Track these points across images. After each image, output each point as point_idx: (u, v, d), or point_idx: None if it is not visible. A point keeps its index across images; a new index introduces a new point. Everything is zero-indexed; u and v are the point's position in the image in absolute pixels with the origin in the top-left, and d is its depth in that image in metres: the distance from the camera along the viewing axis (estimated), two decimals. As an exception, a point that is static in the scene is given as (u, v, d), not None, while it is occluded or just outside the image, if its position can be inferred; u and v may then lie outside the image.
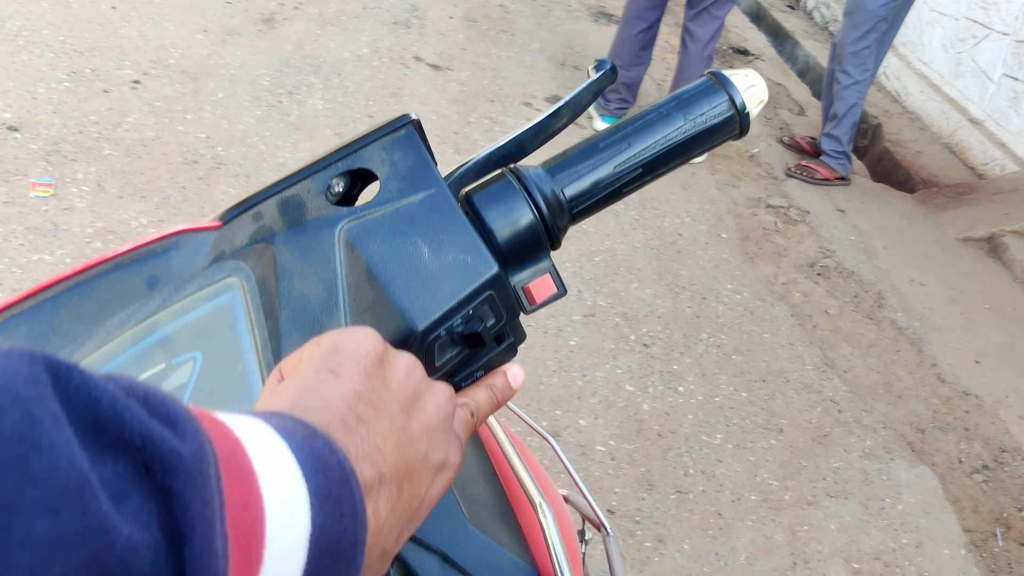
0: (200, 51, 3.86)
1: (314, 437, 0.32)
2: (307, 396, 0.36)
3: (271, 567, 0.28)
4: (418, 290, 0.51)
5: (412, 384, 0.41)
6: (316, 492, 0.30)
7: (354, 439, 0.35)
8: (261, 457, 0.29)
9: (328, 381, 0.37)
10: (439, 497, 0.42)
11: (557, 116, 0.65)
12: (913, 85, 5.75)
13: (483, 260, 0.53)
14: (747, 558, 2.29)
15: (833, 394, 2.97)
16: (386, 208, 0.53)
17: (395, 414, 0.38)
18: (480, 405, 0.50)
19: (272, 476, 0.29)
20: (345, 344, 0.39)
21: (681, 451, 2.56)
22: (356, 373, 0.38)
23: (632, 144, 0.61)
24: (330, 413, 0.35)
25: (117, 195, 2.88)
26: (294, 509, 0.29)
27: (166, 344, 0.50)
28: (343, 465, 0.32)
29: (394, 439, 0.37)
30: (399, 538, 0.38)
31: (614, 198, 0.62)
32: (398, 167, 0.55)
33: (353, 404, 0.36)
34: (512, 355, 0.58)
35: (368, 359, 0.39)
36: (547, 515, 0.74)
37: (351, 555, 0.31)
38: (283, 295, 0.51)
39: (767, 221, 3.95)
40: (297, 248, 0.52)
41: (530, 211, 0.57)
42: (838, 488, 2.59)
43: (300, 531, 0.29)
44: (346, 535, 0.31)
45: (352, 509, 0.31)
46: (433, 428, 0.40)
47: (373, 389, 0.38)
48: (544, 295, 0.59)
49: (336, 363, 0.38)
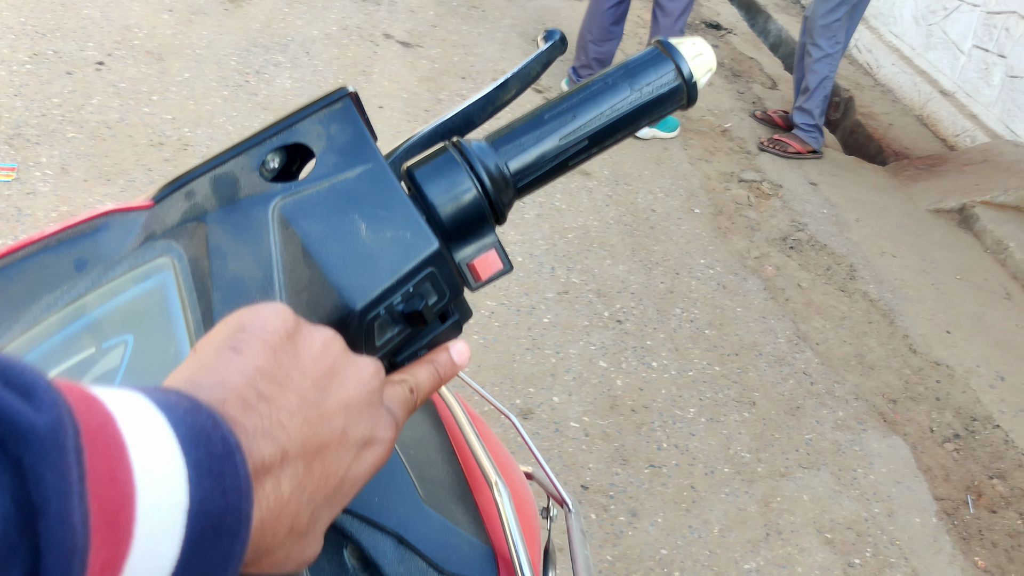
0: (165, 31, 3.80)
1: (197, 411, 0.31)
2: (204, 373, 0.35)
3: (143, 542, 0.27)
4: (355, 268, 0.50)
5: (328, 360, 0.40)
6: (195, 466, 0.29)
7: (252, 416, 0.34)
8: (134, 430, 0.28)
9: (228, 358, 0.36)
10: (367, 474, 0.41)
11: (505, 88, 0.64)
12: (884, 57, 5.76)
13: (423, 236, 0.52)
14: (720, 530, 2.31)
15: (805, 366, 2.98)
16: (322, 184, 0.52)
17: (305, 390, 0.38)
18: (420, 382, 0.49)
19: (145, 449, 0.28)
20: (251, 321, 0.39)
21: (655, 426, 2.56)
22: (260, 349, 0.37)
23: (577, 116, 0.59)
24: (227, 390, 0.34)
25: (82, 178, 2.84)
26: (170, 483, 0.28)
27: (95, 328, 0.49)
28: (227, 439, 0.31)
29: (302, 415, 0.36)
30: (315, 516, 0.38)
31: (560, 171, 0.61)
32: (335, 141, 0.53)
33: (254, 381, 0.35)
34: (457, 333, 0.57)
35: (275, 335, 0.38)
36: (502, 493, 0.73)
37: (235, 530, 0.31)
38: (216, 275, 0.50)
39: (740, 195, 3.95)
40: (230, 226, 0.51)
41: (473, 186, 0.56)
42: (810, 459, 2.61)
43: (176, 505, 0.28)
44: (229, 510, 0.30)
45: (236, 484, 0.30)
46: (353, 404, 0.40)
47: (280, 365, 0.37)
48: (489, 271, 0.57)
49: (239, 340, 0.37)
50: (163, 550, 0.28)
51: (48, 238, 0.51)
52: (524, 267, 3.07)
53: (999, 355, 3.30)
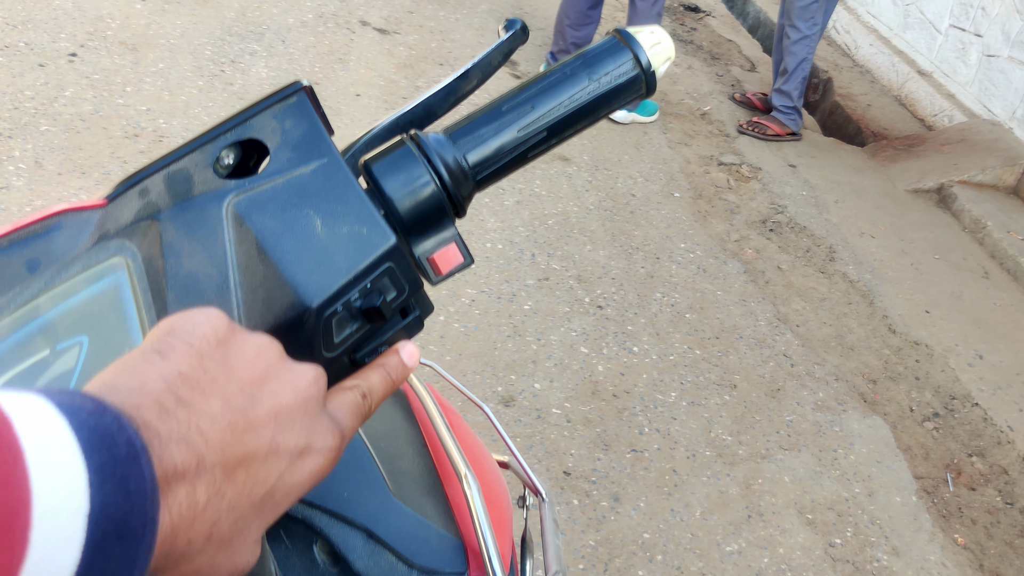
0: (139, 21, 3.76)
1: (102, 413, 0.31)
2: (124, 377, 0.35)
3: (41, 546, 0.27)
4: (311, 264, 0.49)
5: (261, 366, 0.40)
6: (97, 469, 0.29)
7: (168, 421, 0.34)
8: (31, 433, 0.28)
9: (152, 362, 0.36)
10: (306, 483, 0.40)
11: (466, 78, 0.63)
12: (863, 38, 5.77)
13: (379, 231, 0.51)
14: (702, 513, 2.32)
15: (786, 348, 2.99)
16: (276, 180, 0.51)
17: (231, 396, 0.37)
18: (373, 386, 0.48)
19: (43, 453, 0.28)
20: (181, 325, 0.38)
21: (636, 410, 2.57)
22: (185, 354, 0.37)
23: (536, 106, 0.59)
24: (144, 394, 0.34)
25: (56, 172, 2.81)
26: (69, 486, 0.28)
27: (49, 329, 0.48)
28: (132, 442, 0.31)
29: (225, 421, 0.36)
30: (240, 525, 0.37)
31: (520, 163, 0.60)
32: (289, 136, 0.52)
33: (175, 386, 0.35)
34: (419, 328, 0.57)
35: (203, 340, 0.38)
36: (471, 485, 0.73)
37: (139, 535, 0.30)
38: (170, 274, 0.49)
39: (719, 179, 3.96)
40: (184, 224, 0.50)
41: (431, 179, 0.55)
42: (791, 441, 2.63)
43: (76, 509, 0.28)
44: (134, 514, 0.30)
45: (140, 487, 0.30)
46: (286, 412, 0.39)
47: (205, 371, 0.37)
48: (450, 265, 0.57)
49: (166, 344, 0.37)
50: (63, 555, 0.28)
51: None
52: (504, 254, 3.07)
53: (977, 334, 3.32)
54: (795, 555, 2.28)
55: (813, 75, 5.35)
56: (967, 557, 2.42)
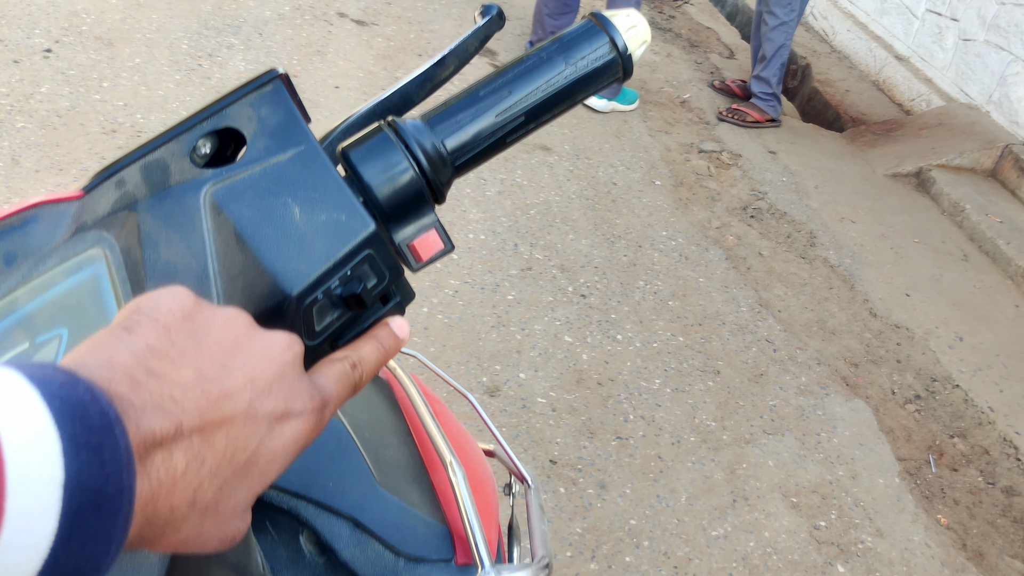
0: (114, 16, 3.73)
1: (74, 385, 0.31)
2: (92, 353, 0.35)
3: (17, 515, 0.27)
4: (290, 252, 0.49)
5: (230, 336, 0.40)
6: (71, 439, 0.29)
7: (141, 392, 0.34)
8: (2, 405, 0.28)
9: (119, 338, 0.36)
10: (290, 448, 0.41)
11: (443, 65, 0.63)
12: (840, 24, 5.79)
13: (358, 218, 0.51)
14: (688, 498, 2.33)
15: (768, 334, 3.01)
16: (254, 168, 0.51)
17: (203, 366, 0.38)
18: (364, 356, 0.49)
19: (15, 424, 0.28)
20: (146, 303, 0.39)
21: (621, 398, 2.58)
22: (151, 329, 0.37)
23: (513, 91, 0.59)
24: (114, 368, 0.34)
25: (33, 169, 2.79)
26: (42, 456, 0.28)
27: (28, 322, 0.48)
28: (106, 412, 0.31)
29: (199, 389, 0.36)
30: (225, 492, 0.37)
31: (498, 148, 0.60)
32: (266, 124, 0.52)
33: (144, 358, 0.36)
34: (400, 314, 0.57)
35: (169, 315, 0.38)
36: (457, 472, 0.74)
37: (116, 504, 0.31)
38: (149, 264, 0.49)
39: (700, 166, 3.97)
40: (162, 214, 0.50)
41: (409, 165, 0.55)
42: (775, 425, 2.64)
43: (51, 479, 0.28)
44: (110, 483, 0.30)
45: (116, 456, 0.30)
46: (261, 377, 0.39)
47: (173, 344, 0.37)
48: (431, 251, 0.57)
49: (132, 321, 0.38)
50: (40, 524, 0.28)
51: None
52: (487, 244, 3.07)
53: (957, 316, 3.35)
54: (780, 538, 2.30)
55: (791, 61, 5.37)
56: (950, 537, 2.45)
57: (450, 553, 0.71)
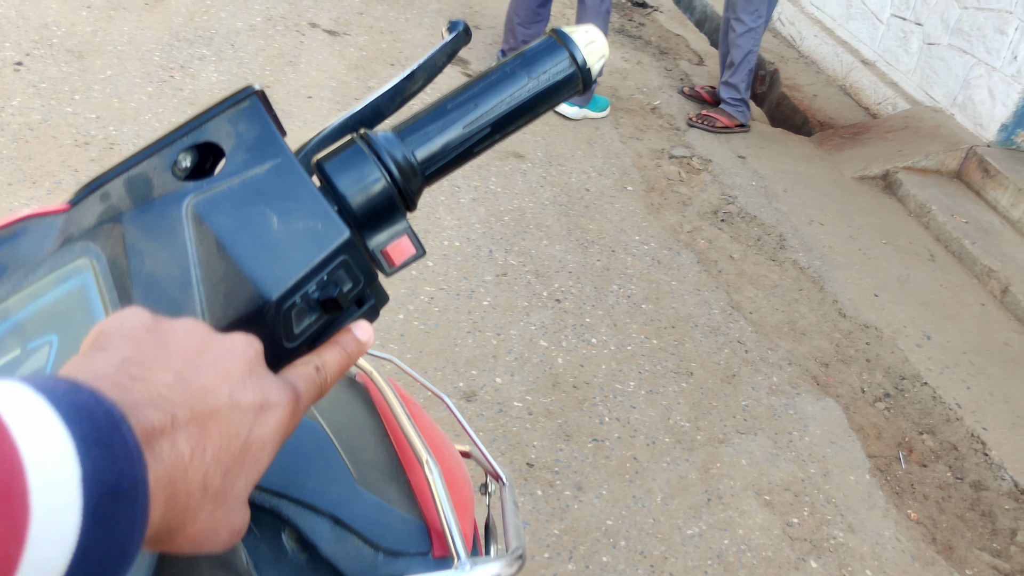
0: (85, 28, 3.73)
1: (77, 391, 0.33)
2: (75, 371, 0.37)
3: (43, 513, 0.29)
4: (269, 259, 0.52)
5: (194, 341, 0.43)
6: (82, 439, 0.31)
7: (131, 394, 0.36)
8: (13, 412, 0.30)
9: (94, 357, 0.39)
10: (275, 436, 0.43)
11: (412, 79, 0.66)
12: (807, 29, 5.87)
13: (333, 226, 0.54)
14: (663, 498, 2.37)
15: (740, 335, 3.06)
16: (232, 180, 0.53)
17: (178, 368, 0.40)
18: (327, 360, 0.51)
19: (28, 428, 0.30)
20: (110, 325, 0.41)
21: (596, 400, 2.61)
22: (122, 343, 0.40)
23: (479, 104, 0.62)
24: (99, 379, 0.36)
25: (6, 182, 2.79)
26: (58, 457, 0.30)
27: (19, 330, 0.50)
28: (111, 412, 0.33)
29: (181, 387, 0.39)
30: (229, 478, 0.40)
31: (466, 158, 0.63)
32: (243, 138, 0.55)
33: (123, 368, 0.38)
34: (374, 316, 0.59)
35: (134, 331, 0.41)
36: (433, 469, 0.76)
37: (133, 495, 0.33)
38: (134, 273, 0.51)
39: (671, 171, 4.02)
40: (145, 225, 0.52)
41: (382, 175, 0.58)
42: (747, 425, 2.68)
43: (69, 477, 0.30)
44: (124, 476, 0.32)
45: (125, 451, 0.33)
46: (234, 373, 0.42)
47: (145, 353, 0.40)
48: (403, 257, 0.60)
49: (101, 341, 0.40)
50: (64, 519, 0.30)
51: None
52: (462, 251, 3.09)
53: (925, 315, 3.42)
54: (754, 535, 2.34)
55: (759, 67, 5.44)
56: (920, 531, 2.50)
57: (427, 547, 0.74)
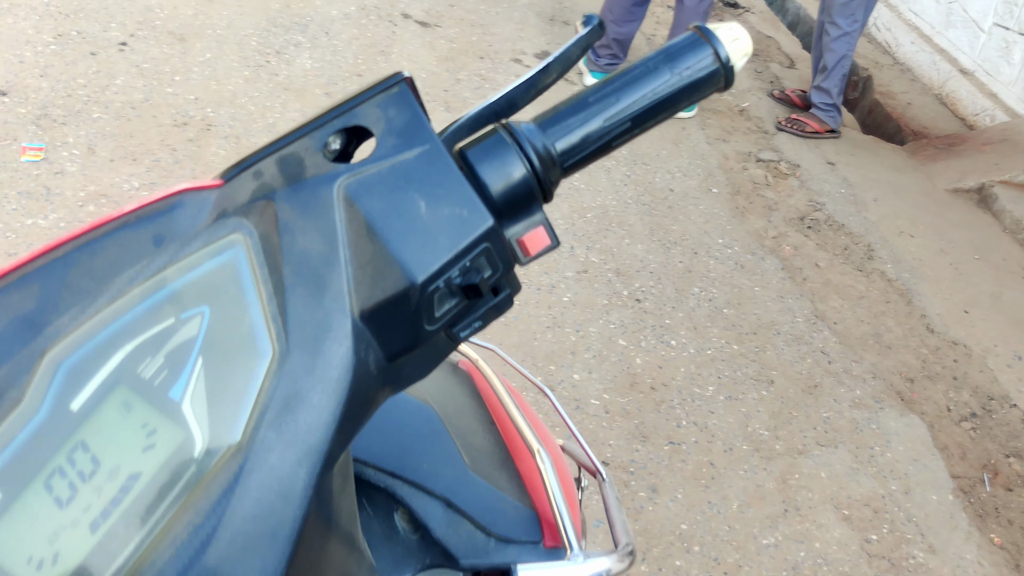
0: (186, 11, 3.82)
1: None
2: None
3: None
4: (416, 243, 0.53)
5: None
6: None
7: None
8: None
9: None
10: None
11: (546, 72, 0.66)
12: (904, 36, 5.73)
13: (479, 213, 0.54)
14: (739, 506, 2.34)
15: (823, 345, 3.00)
16: (382, 164, 0.55)
17: None
18: None
19: None
20: None
21: (674, 403, 2.59)
22: None
23: (620, 98, 0.62)
24: None
25: (108, 158, 2.88)
26: None
27: (174, 299, 0.51)
28: None
29: None
30: None
31: (604, 151, 0.63)
32: (393, 124, 0.56)
33: None
34: (509, 306, 0.60)
35: None
36: (545, 460, 0.77)
37: None
38: (286, 250, 0.52)
39: (757, 175, 3.96)
40: (297, 204, 0.54)
41: (523, 165, 0.58)
42: (828, 437, 2.64)
43: None
44: None
45: None
46: None
47: None
48: (538, 247, 0.60)
49: None
50: None
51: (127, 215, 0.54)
52: (544, 246, 3.09)
53: (1017, 335, 3.31)
54: (831, 550, 2.29)
55: (853, 72, 5.32)
56: (1003, 557, 2.43)
57: (538, 536, 0.75)
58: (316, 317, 0.52)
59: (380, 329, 0.54)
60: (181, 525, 0.46)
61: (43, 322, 0.49)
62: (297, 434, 0.49)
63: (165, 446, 0.46)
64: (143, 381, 0.48)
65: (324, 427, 0.50)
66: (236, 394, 0.49)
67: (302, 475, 0.49)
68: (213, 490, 0.47)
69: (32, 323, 0.49)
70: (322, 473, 0.50)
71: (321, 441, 0.50)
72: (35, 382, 0.46)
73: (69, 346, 0.48)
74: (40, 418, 0.45)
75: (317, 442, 0.50)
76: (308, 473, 0.49)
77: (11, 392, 0.47)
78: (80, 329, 0.49)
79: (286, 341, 0.51)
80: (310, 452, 0.50)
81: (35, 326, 0.49)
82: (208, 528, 0.47)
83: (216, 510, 0.47)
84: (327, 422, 0.50)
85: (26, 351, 0.48)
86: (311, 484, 0.50)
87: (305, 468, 0.49)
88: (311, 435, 0.50)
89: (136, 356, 0.49)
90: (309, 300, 0.52)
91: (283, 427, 0.49)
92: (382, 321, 0.53)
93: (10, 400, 0.46)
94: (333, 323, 0.52)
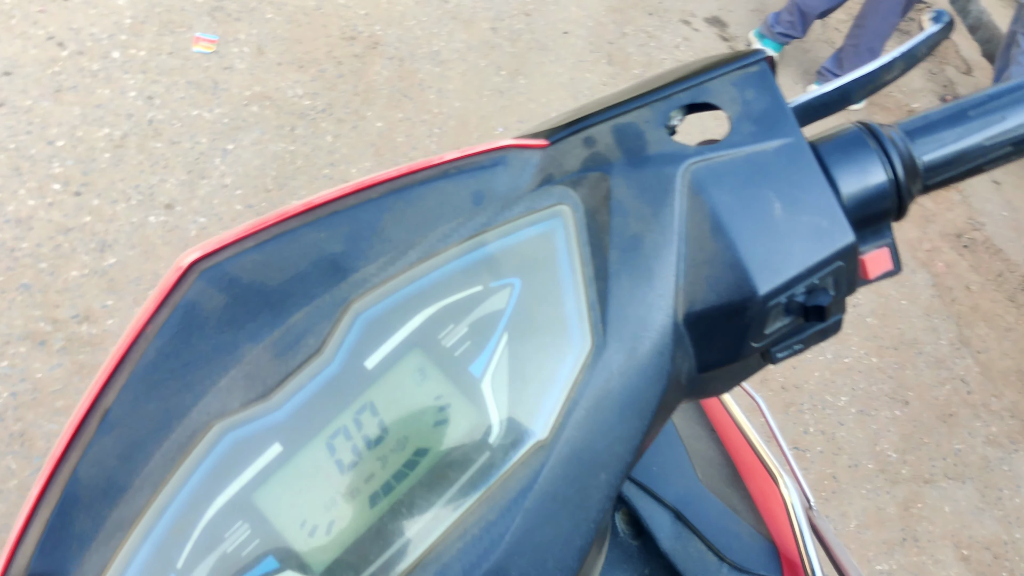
0: (365, -77, 3.80)
1: None
2: None
3: None
4: (765, 250, 0.46)
5: None
6: None
7: None
8: None
9: None
10: None
11: (890, 68, 0.59)
12: (1093, 58, 5.36)
13: (840, 226, 0.47)
14: (857, 526, 2.26)
15: (964, 373, 2.86)
16: (736, 152, 0.48)
17: None
18: None
19: None
20: None
21: (803, 407, 2.50)
22: None
23: (1008, 117, 0.54)
24: None
25: (276, 61, 2.89)
26: None
27: (487, 265, 0.47)
28: None
29: None
30: None
31: (973, 173, 0.55)
32: (750, 108, 0.49)
33: None
34: (836, 331, 0.53)
35: None
36: (789, 487, 0.71)
37: None
38: (615, 232, 0.47)
39: (918, 182, 3.78)
40: (636, 183, 0.48)
41: (885, 173, 0.51)
42: (957, 471, 2.52)
43: None
44: None
45: None
46: None
47: None
48: (879, 270, 0.53)
49: None
50: None
51: (447, 165, 0.49)
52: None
53: None
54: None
55: (1032, 89, 5.01)
56: None
57: (778, 573, 0.69)
58: (638, 312, 0.46)
59: (701, 337, 0.48)
60: (473, 520, 0.43)
61: (350, 268, 0.45)
62: (604, 439, 0.45)
63: (458, 425, 0.43)
64: (442, 349, 0.44)
65: (631, 436, 0.46)
66: (543, 382, 0.45)
67: (602, 485, 0.45)
68: (512, 487, 0.44)
69: (338, 267, 0.45)
70: (620, 485, 0.46)
71: (627, 451, 0.46)
72: (337, 332, 0.42)
73: (374, 298, 0.44)
74: (331, 371, 0.42)
75: (623, 452, 0.45)
76: (608, 484, 0.45)
77: (309, 339, 0.43)
78: (388, 282, 0.45)
79: (603, 333, 0.46)
80: (614, 461, 0.45)
81: (341, 271, 0.45)
82: (501, 528, 0.43)
83: (512, 509, 0.43)
84: (637, 430, 0.46)
85: (328, 296, 0.45)
86: (610, 496, 0.46)
87: (606, 477, 0.45)
88: (618, 443, 0.45)
89: (438, 320, 0.45)
90: (633, 292, 0.47)
91: (592, 429, 0.45)
92: (706, 329, 0.48)
93: (307, 348, 0.43)
94: (655, 322, 0.47)
